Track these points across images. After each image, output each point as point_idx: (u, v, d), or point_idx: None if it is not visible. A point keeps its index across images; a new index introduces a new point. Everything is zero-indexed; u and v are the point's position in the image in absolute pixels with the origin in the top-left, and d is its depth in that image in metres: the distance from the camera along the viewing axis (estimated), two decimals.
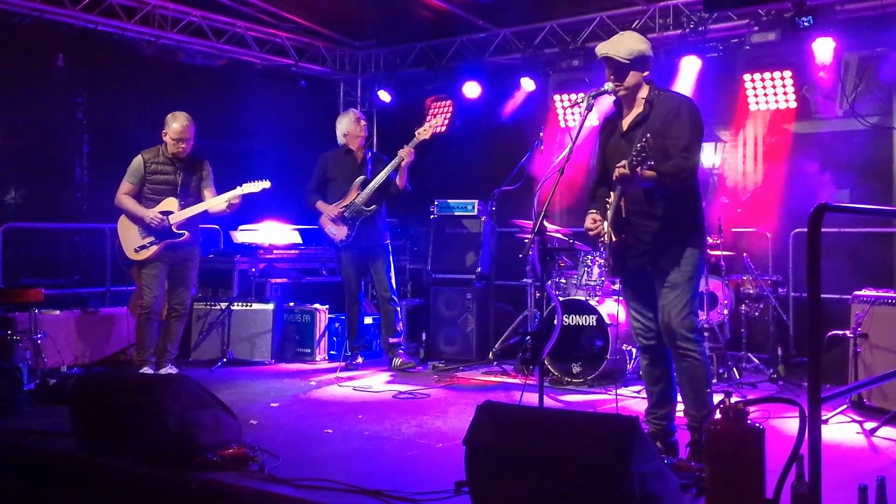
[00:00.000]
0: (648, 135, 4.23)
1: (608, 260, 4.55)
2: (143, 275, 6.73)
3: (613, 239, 4.45)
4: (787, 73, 8.18)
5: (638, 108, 4.52)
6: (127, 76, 8.96)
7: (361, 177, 7.57)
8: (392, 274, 7.72)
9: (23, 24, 8.07)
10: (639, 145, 4.21)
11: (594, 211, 4.63)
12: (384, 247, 7.68)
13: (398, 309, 7.76)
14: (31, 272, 8.19)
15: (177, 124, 6.71)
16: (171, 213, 6.72)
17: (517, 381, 6.96)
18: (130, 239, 6.73)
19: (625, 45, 4.46)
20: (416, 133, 7.48)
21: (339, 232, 7.51)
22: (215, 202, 6.82)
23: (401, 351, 7.72)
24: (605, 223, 4.51)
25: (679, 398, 4.65)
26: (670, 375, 4.63)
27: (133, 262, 6.77)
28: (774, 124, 8.74)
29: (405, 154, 7.40)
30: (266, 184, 7.03)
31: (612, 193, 4.47)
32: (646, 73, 4.50)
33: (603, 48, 4.50)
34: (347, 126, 7.69)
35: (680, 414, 4.63)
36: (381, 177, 7.47)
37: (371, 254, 7.63)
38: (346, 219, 7.49)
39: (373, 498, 3.75)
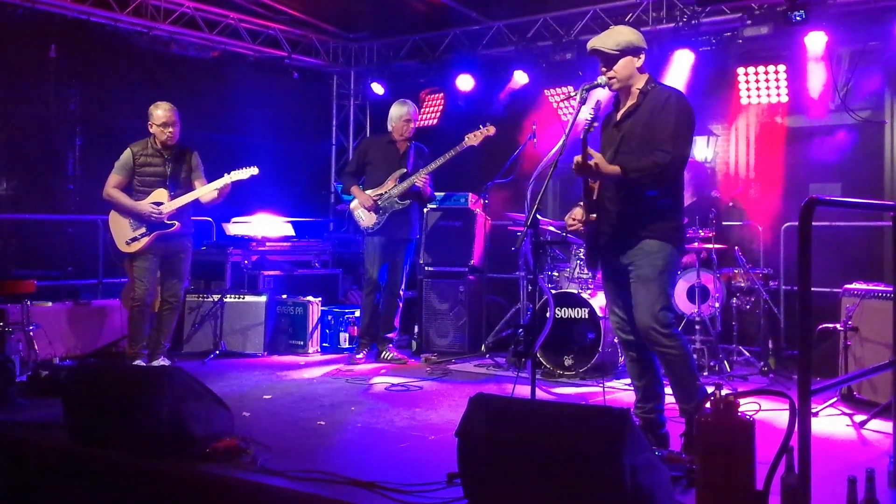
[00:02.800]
0: (632, 118, 4.30)
1: (585, 246, 4.56)
2: (135, 267, 6.73)
3: (591, 217, 4.45)
4: (780, 68, 8.20)
5: (633, 100, 4.54)
6: (120, 67, 8.93)
7: (402, 169, 7.51)
8: (407, 270, 7.69)
9: (15, 14, 8.03)
10: (624, 128, 4.30)
11: (580, 205, 4.62)
12: (410, 242, 7.65)
13: (401, 305, 7.74)
14: (24, 264, 8.17)
15: (160, 111, 6.72)
16: (161, 203, 6.72)
17: (509, 373, 6.98)
18: (121, 231, 6.73)
19: (613, 37, 4.50)
20: (465, 137, 7.37)
21: (368, 219, 7.47)
22: (204, 191, 6.82)
23: (391, 346, 7.71)
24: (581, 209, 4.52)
25: (668, 390, 4.68)
26: (654, 369, 4.63)
27: (125, 254, 6.77)
28: (766, 118, 8.76)
29: (420, 182, 7.41)
30: (254, 170, 7.04)
31: (588, 179, 4.49)
32: (639, 64, 4.52)
33: (592, 42, 4.55)
34: (396, 121, 7.57)
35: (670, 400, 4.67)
36: (413, 179, 7.42)
37: (396, 247, 7.57)
38: (377, 208, 7.46)
39: (366, 490, 3.76)
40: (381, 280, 7.58)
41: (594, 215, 4.45)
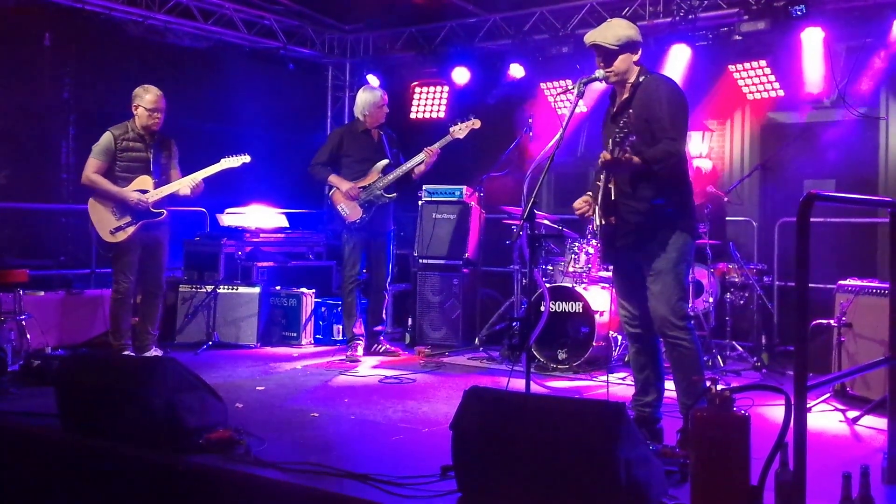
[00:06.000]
0: (631, 110, 4.33)
1: (599, 244, 4.59)
2: (119, 259, 6.59)
3: (602, 222, 4.47)
4: (776, 63, 8.20)
5: (626, 93, 4.56)
6: (114, 56, 8.87)
7: (385, 161, 7.37)
8: (391, 262, 7.62)
9: (9, 1, 7.98)
10: (622, 121, 4.29)
11: (589, 193, 4.67)
12: (389, 234, 7.57)
13: (387, 297, 7.73)
14: (16, 253, 8.13)
15: (150, 95, 6.60)
16: (146, 191, 6.62)
17: (503, 366, 6.97)
18: (104, 221, 6.57)
19: (612, 31, 4.50)
20: (449, 130, 7.29)
21: (352, 212, 7.31)
22: (198, 177, 6.73)
23: (382, 338, 7.69)
24: (596, 206, 4.54)
25: (667, 385, 4.70)
26: (657, 364, 4.67)
27: (112, 245, 6.60)
28: (762, 113, 8.76)
29: (427, 156, 7.24)
30: (246, 158, 6.99)
31: (601, 177, 4.49)
32: (636, 59, 4.53)
33: (591, 36, 4.53)
34: (371, 108, 7.37)
35: (672, 394, 4.67)
36: (407, 167, 7.32)
37: (377, 240, 7.48)
38: (361, 200, 7.32)
39: (359, 482, 3.75)
40: (361, 276, 7.50)
41: (613, 218, 4.46)
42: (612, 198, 4.45)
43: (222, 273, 8.33)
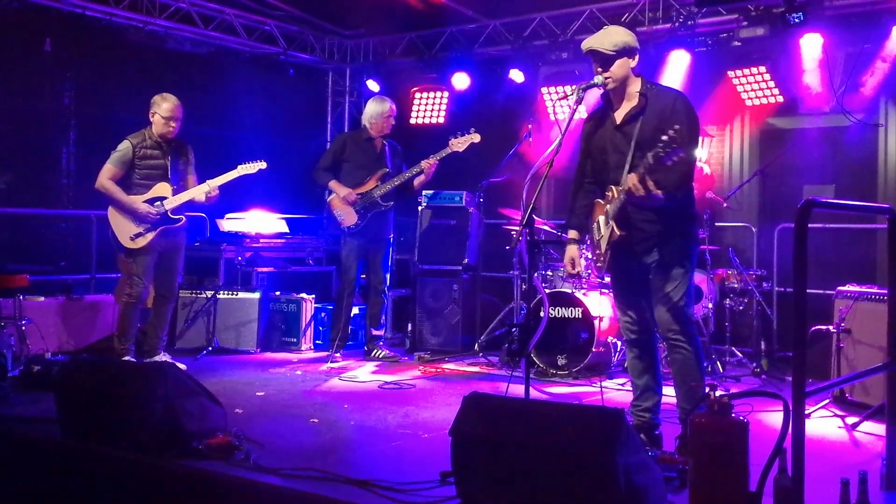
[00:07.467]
0: (677, 126, 4.14)
1: (605, 255, 4.56)
2: (136, 264, 6.58)
3: (618, 233, 4.47)
4: (775, 69, 8.21)
5: (632, 102, 4.54)
6: (115, 62, 8.89)
7: (384, 169, 7.46)
8: (387, 269, 7.67)
9: (10, 7, 7.99)
10: (665, 137, 4.10)
11: (573, 242, 4.77)
12: (387, 240, 7.62)
13: (385, 301, 7.75)
14: (17, 258, 8.12)
15: (167, 104, 6.63)
16: (164, 198, 6.64)
17: (503, 372, 6.98)
18: (124, 226, 6.57)
19: (609, 37, 4.51)
20: (449, 142, 7.35)
21: (348, 217, 7.39)
22: (214, 183, 6.74)
23: (381, 343, 7.71)
24: (596, 224, 4.60)
25: (665, 391, 4.71)
26: (655, 369, 4.68)
27: (132, 250, 6.59)
28: (761, 119, 8.77)
29: (426, 166, 7.33)
30: (262, 164, 7.04)
31: (612, 188, 4.50)
32: (633, 65, 4.53)
33: (588, 42, 4.54)
34: (378, 117, 7.49)
35: (670, 400, 4.68)
36: (405, 176, 7.41)
37: (374, 246, 7.55)
38: (357, 206, 7.39)
39: (358, 488, 3.76)
40: (357, 280, 7.54)
41: (624, 232, 4.46)
42: (628, 209, 4.47)
43: (222, 278, 8.35)
